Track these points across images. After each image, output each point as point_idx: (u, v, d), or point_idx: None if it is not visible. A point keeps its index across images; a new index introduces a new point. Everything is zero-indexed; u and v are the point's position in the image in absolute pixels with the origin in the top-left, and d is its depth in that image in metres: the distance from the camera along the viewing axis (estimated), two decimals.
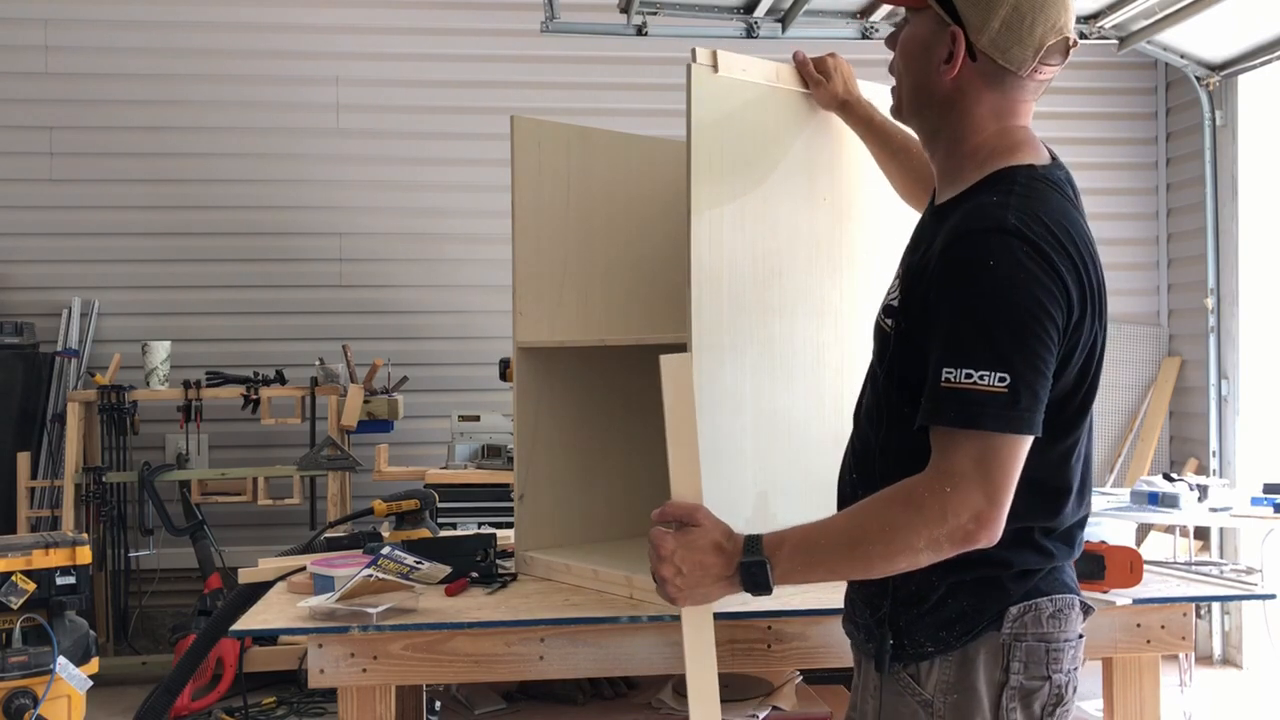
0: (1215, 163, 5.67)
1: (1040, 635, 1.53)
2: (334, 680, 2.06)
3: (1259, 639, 5.32)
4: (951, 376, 1.41)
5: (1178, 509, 4.27)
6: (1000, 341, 1.41)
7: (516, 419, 2.59)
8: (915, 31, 1.60)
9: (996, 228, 1.44)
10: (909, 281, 1.57)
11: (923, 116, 1.64)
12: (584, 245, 2.66)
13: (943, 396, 1.42)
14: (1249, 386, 5.58)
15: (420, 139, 5.85)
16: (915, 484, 1.45)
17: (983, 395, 1.40)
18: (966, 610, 1.53)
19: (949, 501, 1.41)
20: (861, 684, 1.67)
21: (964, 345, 1.42)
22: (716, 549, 1.54)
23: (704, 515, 1.57)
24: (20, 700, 3.55)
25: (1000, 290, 1.41)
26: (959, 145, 1.59)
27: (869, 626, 1.63)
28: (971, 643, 1.53)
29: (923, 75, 1.59)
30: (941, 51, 1.55)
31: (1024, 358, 1.41)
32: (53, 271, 5.67)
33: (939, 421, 1.43)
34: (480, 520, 4.48)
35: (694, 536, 1.55)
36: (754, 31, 4.92)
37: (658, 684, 2.72)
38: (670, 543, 1.54)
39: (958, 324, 1.43)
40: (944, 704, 1.54)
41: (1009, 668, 1.52)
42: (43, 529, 5.19)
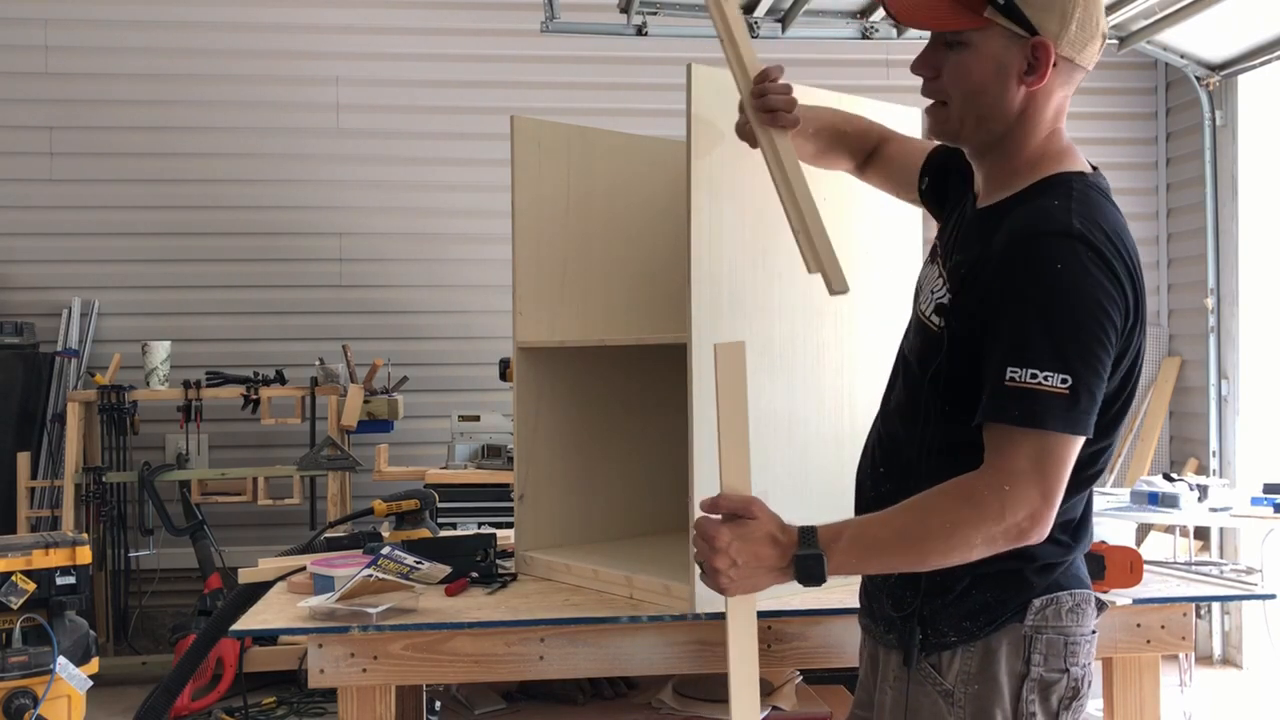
0: (1215, 163, 5.67)
1: (1060, 628, 1.56)
2: (334, 680, 2.06)
3: (1259, 639, 5.32)
4: (1016, 376, 1.44)
5: (1178, 509, 4.27)
6: (1065, 343, 1.44)
7: (516, 419, 2.59)
8: (983, 51, 1.56)
9: (1063, 231, 1.47)
10: (962, 281, 1.57)
11: (992, 132, 1.61)
12: (584, 245, 2.66)
13: (1007, 395, 1.44)
14: (1249, 386, 5.58)
15: (420, 139, 5.85)
16: (974, 481, 1.47)
17: (1046, 395, 1.43)
18: (990, 601, 1.56)
19: (1007, 499, 1.44)
20: (880, 675, 1.67)
21: (1030, 345, 1.44)
22: (771, 541, 1.52)
23: (759, 507, 1.55)
24: (20, 700, 3.55)
25: (1066, 293, 1.44)
26: (1020, 151, 1.60)
27: (890, 618, 1.64)
28: (994, 633, 1.55)
29: (996, 93, 1.57)
30: (1019, 65, 1.55)
31: (1085, 360, 1.44)
32: (53, 271, 5.67)
33: (1001, 419, 1.45)
34: (480, 520, 4.48)
35: (749, 529, 1.53)
36: (754, 31, 4.91)
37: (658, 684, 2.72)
38: (726, 534, 1.52)
39: (1024, 324, 1.45)
40: (964, 694, 1.55)
41: (1030, 659, 1.55)
42: (43, 529, 5.19)
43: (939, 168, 1.87)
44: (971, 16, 1.54)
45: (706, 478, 2.09)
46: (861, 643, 1.82)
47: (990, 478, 1.46)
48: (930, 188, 1.88)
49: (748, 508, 1.55)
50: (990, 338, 1.49)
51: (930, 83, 1.62)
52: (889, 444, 1.68)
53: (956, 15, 1.55)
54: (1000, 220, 1.56)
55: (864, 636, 1.79)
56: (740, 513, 1.54)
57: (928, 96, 1.64)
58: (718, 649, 2.12)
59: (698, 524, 1.56)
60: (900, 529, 1.50)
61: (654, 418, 2.74)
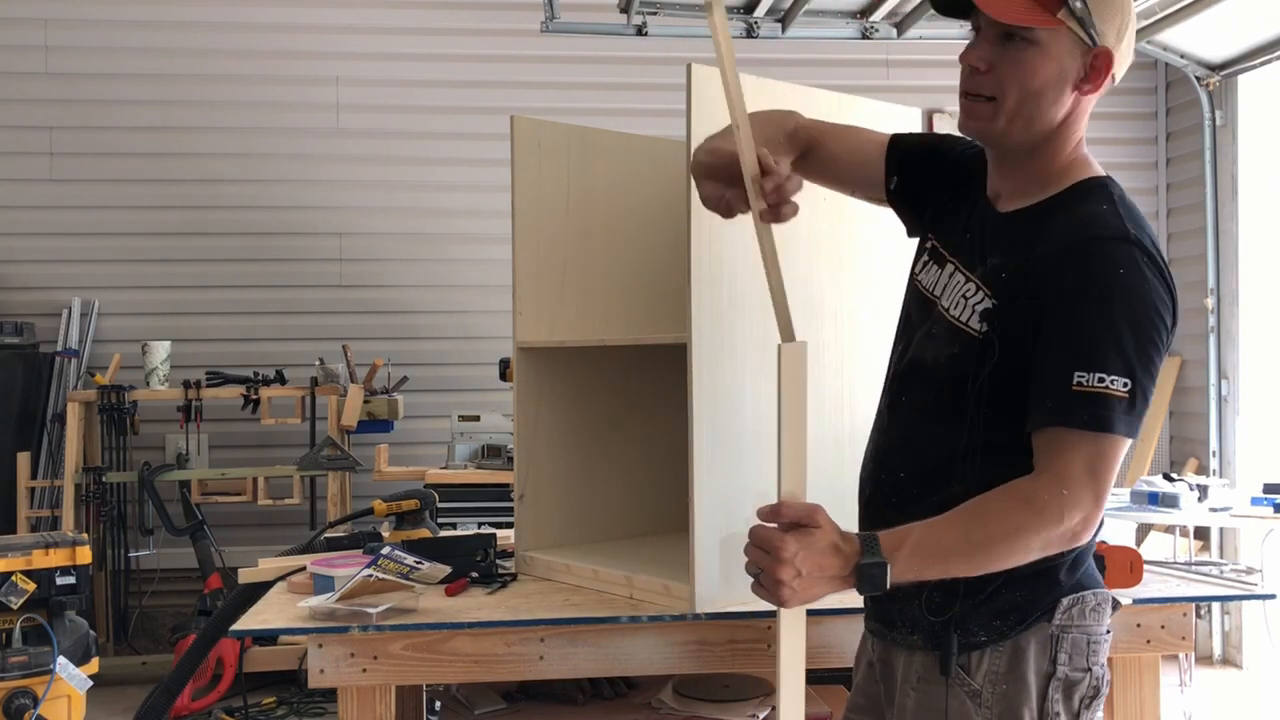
0: (1215, 163, 5.67)
1: (1083, 627, 1.57)
2: (334, 680, 2.06)
3: (1259, 639, 5.32)
4: (1084, 380, 1.45)
5: (1178, 509, 4.27)
6: (1128, 347, 1.46)
7: (516, 419, 2.59)
8: (1051, 52, 1.54)
9: (1122, 236, 1.50)
10: (1005, 285, 1.56)
11: (1033, 135, 1.59)
12: (584, 245, 2.66)
13: (1073, 399, 1.45)
14: (1249, 386, 5.58)
15: (420, 139, 5.85)
16: (1033, 485, 1.47)
17: (1112, 399, 1.45)
18: (1020, 601, 1.56)
19: (1066, 504, 1.45)
20: (901, 678, 1.65)
21: (1097, 350, 1.45)
22: (835, 550, 1.47)
23: (822, 516, 1.49)
24: (20, 700, 3.55)
25: (1130, 297, 1.47)
26: (1056, 158, 1.61)
27: (918, 620, 1.62)
28: (1023, 633, 1.56)
29: (1052, 97, 1.56)
30: (1077, 72, 1.55)
31: (1144, 364, 1.46)
32: (53, 271, 5.67)
33: (1067, 423, 1.46)
34: (480, 520, 4.47)
35: (815, 538, 1.47)
36: (754, 31, 4.91)
37: (658, 684, 2.72)
38: (792, 545, 1.46)
39: (1091, 329, 1.46)
40: (992, 694, 1.56)
41: (1056, 659, 1.56)
42: (43, 529, 5.19)
43: (912, 167, 1.81)
44: (1047, 15, 1.52)
45: (706, 478, 2.09)
46: (863, 647, 1.81)
47: (1049, 482, 1.46)
48: (901, 188, 1.82)
49: (812, 516, 1.48)
50: (1046, 342, 1.49)
51: (979, 76, 1.57)
52: (910, 447, 1.65)
53: (1032, 11, 1.52)
54: (1040, 225, 1.55)
55: (870, 641, 1.76)
56: (804, 521, 1.48)
57: (974, 90, 1.58)
58: (718, 649, 2.12)
59: (757, 534, 1.48)
60: (963, 535, 1.48)
61: (654, 418, 2.74)
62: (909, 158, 1.82)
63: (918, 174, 1.80)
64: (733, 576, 2.11)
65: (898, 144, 1.83)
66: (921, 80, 5.95)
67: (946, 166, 1.77)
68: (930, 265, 1.72)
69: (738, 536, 2.13)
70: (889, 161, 1.82)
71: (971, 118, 1.60)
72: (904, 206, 1.85)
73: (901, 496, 1.65)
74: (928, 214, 1.79)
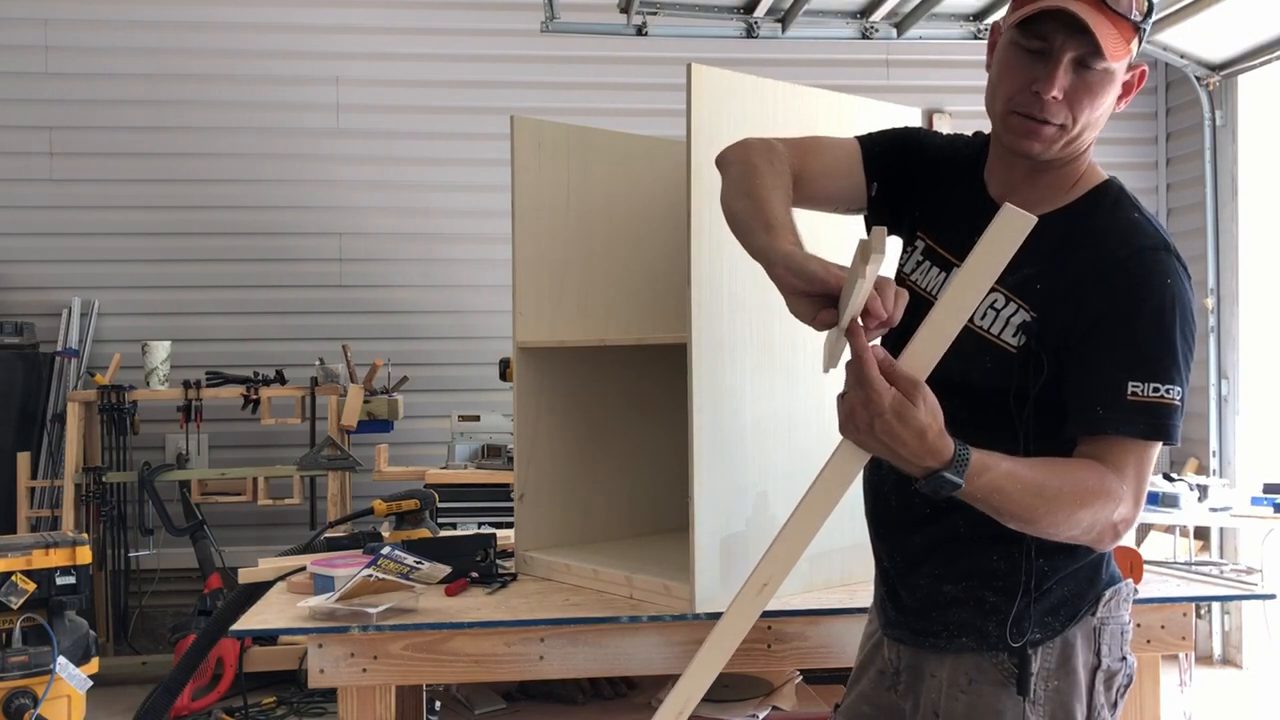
0: (1215, 163, 5.67)
1: (1118, 619, 1.61)
2: (334, 680, 2.06)
3: (1259, 639, 5.32)
4: (1139, 390, 1.47)
5: (1178, 509, 4.27)
6: (1179, 356, 1.49)
7: (516, 419, 2.59)
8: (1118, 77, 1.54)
9: (1163, 245, 1.53)
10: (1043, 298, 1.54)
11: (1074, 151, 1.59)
12: (584, 245, 2.66)
13: (1129, 409, 1.47)
14: (1249, 386, 5.58)
15: (420, 139, 5.85)
16: (1103, 471, 1.48)
17: (1168, 408, 1.48)
18: (1069, 595, 1.58)
19: (1119, 500, 1.47)
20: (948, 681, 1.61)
21: (1153, 360, 1.48)
22: (919, 436, 1.37)
23: (929, 400, 1.38)
24: (20, 700, 3.54)
25: (1177, 307, 1.50)
26: (1075, 165, 1.61)
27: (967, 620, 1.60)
28: (1072, 627, 1.58)
29: (1105, 116, 1.58)
30: (1120, 89, 1.56)
31: (1187, 372, 1.51)
32: (53, 271, 5.67)
33: (1124, 432, 1.48)
34: (480, 520, 4.47)
35: (909, 414, 1.36)
36: (754, 31, 4.91)
37: (658, 684, 2.72)
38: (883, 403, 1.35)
39: (1145, 339, 1.49)
40: (1044, 691, 1.57)
41: (1100, 650, 1.59)
42: (43, 529, 5.19)
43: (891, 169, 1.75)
44: (1127, 46, 1.51)
45: (706, 478, 2.09)
46: (872, 655, 1.77)
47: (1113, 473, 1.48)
48: (884, 193, 1.76)
49: (914, 394, 1.36)
50: (1095, 350, 1.50)
51: (1054, 104, 1.52)
52: None
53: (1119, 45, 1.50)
54: (1070, 233, 1.55)
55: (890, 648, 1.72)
56: (908, 394, 1.36)
57: (1048, 117, 1.53)
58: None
59: (866, 375, 1.36)
60: (1040, 484, 1.44)
61: (654, 418, 2.74)
62: (887, 160, 1.75)
63: (899, 175, 1.75)
64: (733, 576, 2.12)
65: (871, 147, 1.76)
66: (921, 80, 5.95)
67: (929, 163, 1.74)
68: (928, 267, 1.68)
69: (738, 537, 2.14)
70: (867, 168, 1.75)
71: (1037, 140, 1.54)
72: (885, 210, 1.76)
73: (915, 512, 1.62)
74: (913, 213, 1.74)
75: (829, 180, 1.74)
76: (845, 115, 2.27)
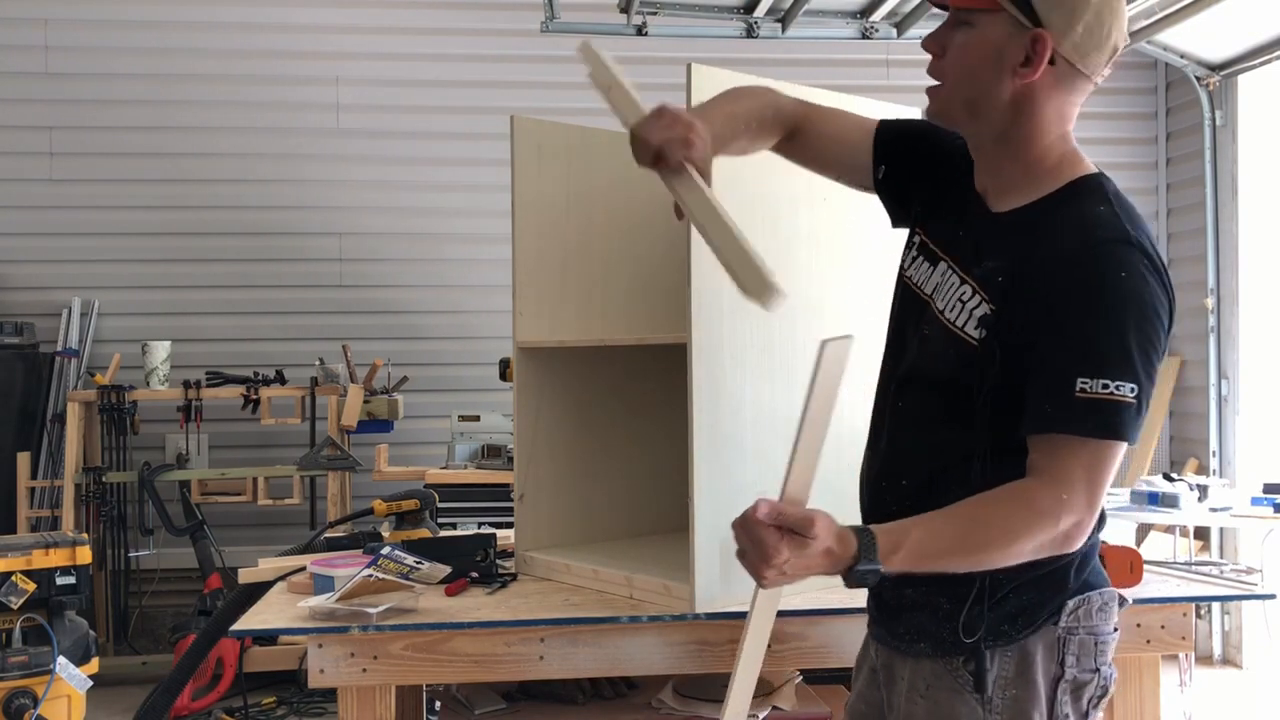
0: (1215, 163, 5.67)
1: (1090, 628, 1.56)
2: (334, 680, 2.06)
3: (1259, 639, 5.32)
4: (1088, 386, 1.43)
5: (1178, 509, 4.27)
6: (1133, 352, 1.43)
7: (516, 419, 2.59)
8: (985, 35, 1.54)
9: (1122, 239, 1.47)
10: (1004, 291, 1.52)
11: (985, 121, 1.59)
12: (584, 245, 2.66)
13: (1077, 405, 1.43)
14: (1249, 386, 5.58)
15: (420, 139, 5.85)
16: (1030, 489, 1.46)
17: (1119, 405, 1.42)
18: (1028, 604, 1.55)
19: (1063, 508, 1.44)
20: (908, 685, 1.63)
21: (1101, 355, 1.43)
22: (827, 554, 1.43)
23: (820, 526, 1.43)
24: (20, 700, 3.55)
25: (1132, 302, 1.44)
26: (1026, 150, 1.57)
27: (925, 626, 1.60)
28: (1031, 636, 1.55)
29: (990, 79, 1.55)
30: (1017, 55, 1.52)
31: (1146, 369, 1.44)
32: (53, 271, 5.67)
33: (1071, 430, 1.44)
34: (480, 520, 4.47)
35: (808, 548, 1.42)
36: (754, 31, 4.91)
37: (658, 684, 2.71)
38: (785, 552, 1.42)
39: (1094, 333, 1.44)
40: (1002, 699, 1.54)
41: (1064, 661, 1.54)
42: (43, 529, 5.19)
43: (899, 156, 1.78)
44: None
45: (706, 478, 2.09)
46: (864, 652, 1.78)
47: (1048, 486, 1.44)
48: (888, 179, 1.78)
49: (808, 527, 1.43)
50: (1048, 346, 1.46)
51: (935, 61, 1.60)
52: (914, 455, 1.63)
53: None
54: (1037, 227, 1.53)
55: (873, 647, 1.74)
56: (801, 531, 1.42)
57: (929, 75, 1.61)
58: (718, 649, 2.12)
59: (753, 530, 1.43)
60: (960, 537, 1.46)
61: (654, 418, 2.74)
62: (897, 146, 1.78)
63: (905, 164, 1.77)
64: (732, 576, 2.11)
65: (885, 131, 1.79)
66: (921, 80, 5.87)
67: (937, 156, 1.73)
68: (921, 262, 1.69)
69: None
70: (876, 149, 1.78)
71: (930, 101, 1.63)
72: (890, 197, 1.80)
73: (904, 505, 1.62)
74: (915, 206, 1.75)
75: (833, 145, 1.82)
76: None
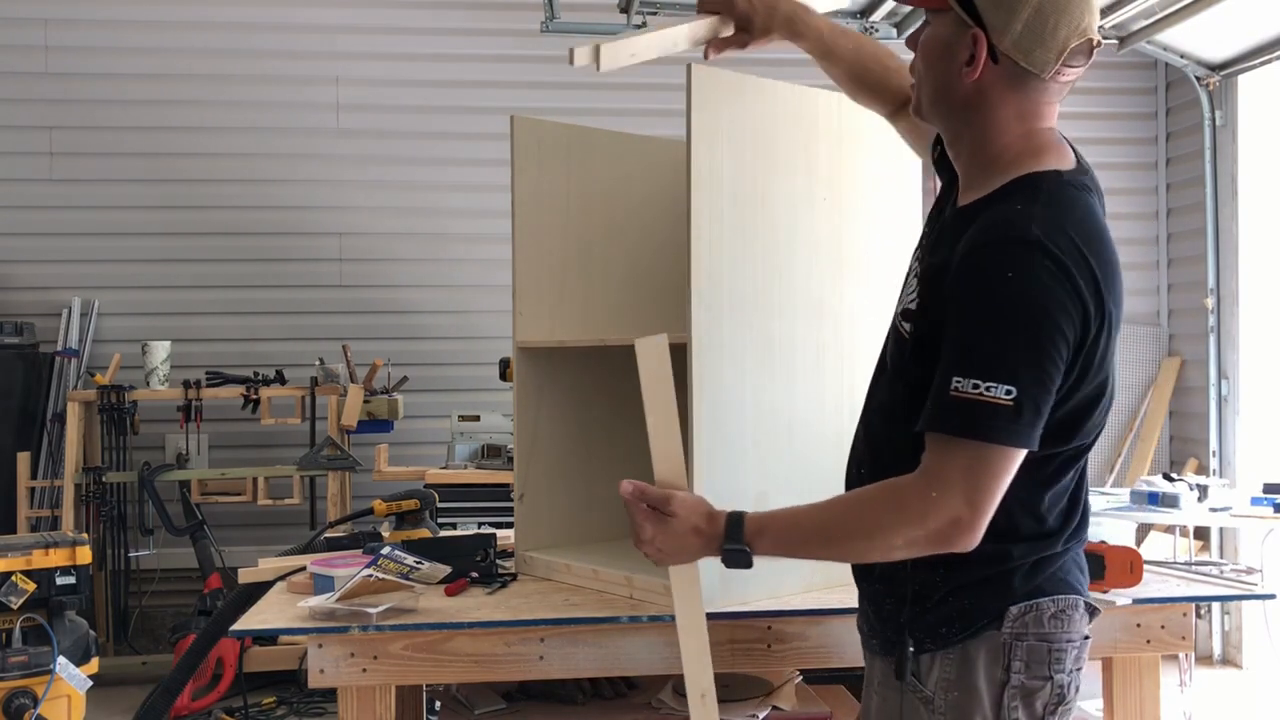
0: (1215, 163, 5.67)
1: (1042, 635, 1.54)
2: (334, 680, 2.06)
3: (1259, 639, 5.32)
4: (960, 386, 1.42)
5: (1178, 509, 4.27)
6: (1011, 355, 1.42)
7: (516, 419, 2.59)
8: (936, 33, 1.58)
9: (1019, 239, 1.44)
10: (929, 285, 1.55)
11: (946, 118, 1.62)
12: (584, 245, 2.66)
13: (948, 404, 1.43)
14: (1249, 386, 5.58)
15: (420, 139, 5.85)
16: (901, 485, 1.49)
17: (987, 406, 1.41)
18: (966, 608, 1.54)
19: (931, 505, 1.44)
20: (866, 680, 1.69)
21: (975, 356, 1.43)
22: (695, 532, 1.60)
23: (677, 504, 1.61)
24: (20, 700, 3.54)
25: (1016, 303, 1.42)
26: (983, 148, 1.58)
27: (874, 624, 1.66)
28: (971, 640, 1.54)
29: (944, 77, 1.57)
30: (963, 54, 1.53)
31: (1032, 373, 1.42)
32: (53, 271, 5.67)
33: (940, 429, 1.45)
34: (480, 520, 4.47)
35: (669, 525, 1.61)
36: None
37: (658, 684, 2.71)
38: (649, 528, 1.62)
39: (971, 334, 1.44)
40: (944, 701, 1.55)
41: (1010, 667, 1.53)
42: (43, 529, 5.19)
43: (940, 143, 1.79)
44: None
45: (706, 478, 2.09)
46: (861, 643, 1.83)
47: (919, 483, 1.46)
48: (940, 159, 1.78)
49: (666, 505, 1.62)
50: (945, 345, 1.47)
51: (914, 60, 1.65)
52: (871, 443, 1.67)
53: None
54: (970, 223, 1.53)
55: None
56: (659, 508, 1.62)
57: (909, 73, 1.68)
58: (718, 649, 2.11)
59: (627, 508, 1.64)
60: (822, 525, 1.55)
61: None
62: None
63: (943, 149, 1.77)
64: (732, 576, 2.12)
65: None
66: None
67: None
68: (916, 256, 1.72)
69: None
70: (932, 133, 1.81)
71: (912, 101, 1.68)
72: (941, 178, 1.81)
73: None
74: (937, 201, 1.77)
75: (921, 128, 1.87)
76: (845, 115, 2.27)
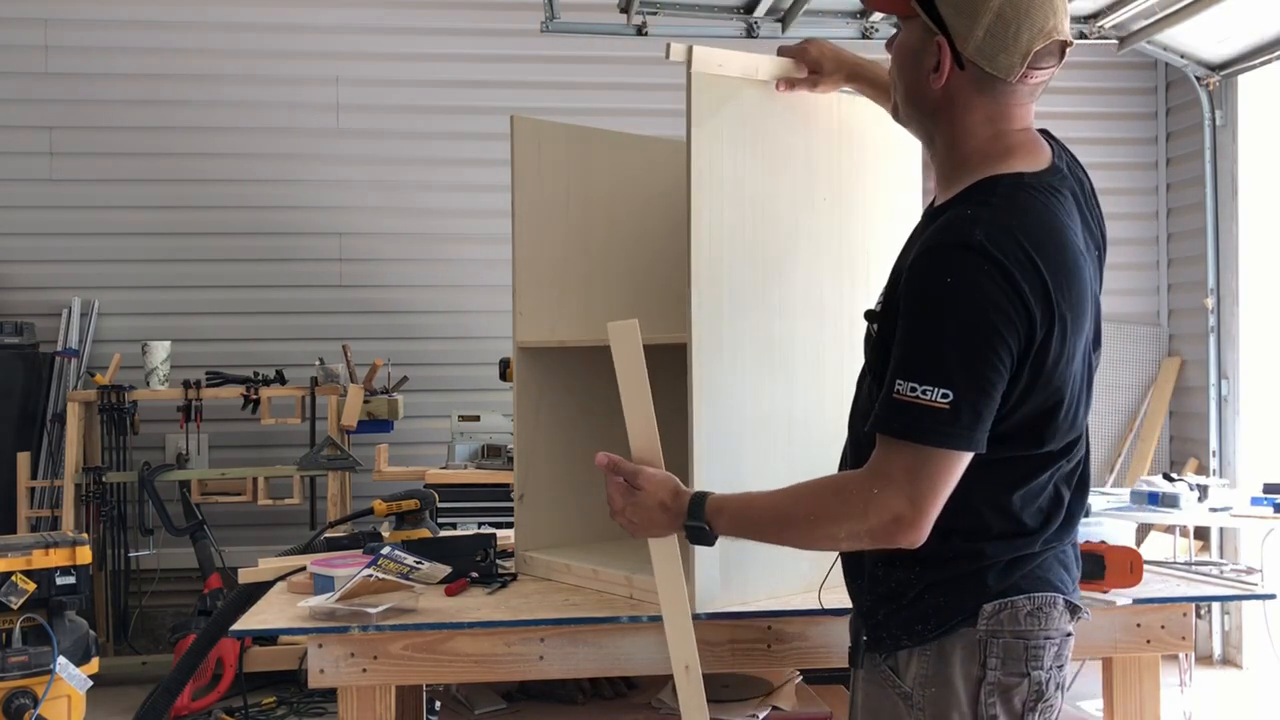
0: (1215, 163, 5.67)
1: (1018, 632, 1.55)
2: (334, 680, 2.06)
3: (1259, 639, 5.32)
4: (901, 389, 1.46)
5: (1178, 509, 4.27)
6: (948, 360, 1.44)
7: (516, 419, 2.59)
8: (905, 39, 1.61)
9: (962, 243, 1.45)
10: (890, 286, 1.59)
11: (918, 122, 1.65)
12: (584, 245, 2.66)
13: (890, 406, 1.47)
14: (1249, 386, 5.58)
15: (420, 139, 5.85)
16: (848, 479, 1.56)
17: (923, 410, 1.44)
18: (941, 605, 1.56)
19: (873, 502, 1.48)
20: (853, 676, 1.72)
21: (914, 359, 1.46)
22: (661, 508, 1.70)
23: (645, 479, 1.71)
24: (20, 700, 3.54)
25: (955, 309, 1.44)
26: (953, 151, 1.60)
27: (855, 621, 1.69)
28: (946, 637, 1.56)
29: (914, 83, 1.60)
30: (929, 60, 1.56)
31: (969, 377, 1.44)
32: (53, 271, 5.67)
33: (884, 430, 1.49)
34: (480, 520, 4.47)
35: (638, 498, 1.71)
36: (754, 31, 4.92)
37: (658, 684, 2.71)
38: (619, 500, 1.73)
39: (912, 338, 1.47)
40: (922, 696, 1.57)
41: (986, 663, 1.55)
42: (43, 529, 5.19)
43: None
44: (903, 5, 1.58)
45: (706, 477, 2.09)
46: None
47: (863, 479, 1.52)
48: None
49: (635, 479, 1.72)
50: (893, 347, 1.51)
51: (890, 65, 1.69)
52: (854, 443, 1.70)
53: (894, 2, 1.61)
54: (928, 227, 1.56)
55: None
56: (630, 481, 1.72)
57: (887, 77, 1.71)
58: (717, 649, 2.12)
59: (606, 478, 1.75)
60: (774, 510, 1.62)
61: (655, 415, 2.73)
62: None
63: None
64: (732, 576, 2.12)
65: None
66: None
67: None
68: None
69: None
70: None
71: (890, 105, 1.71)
72: None
73: None
74: None
75: None
76: (845, 115, 2.27)
